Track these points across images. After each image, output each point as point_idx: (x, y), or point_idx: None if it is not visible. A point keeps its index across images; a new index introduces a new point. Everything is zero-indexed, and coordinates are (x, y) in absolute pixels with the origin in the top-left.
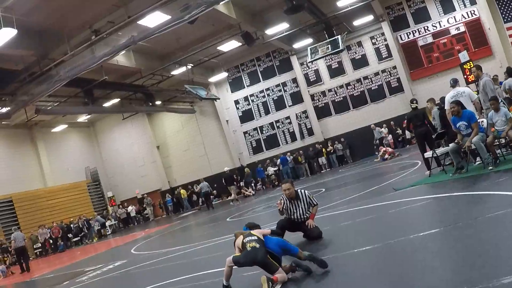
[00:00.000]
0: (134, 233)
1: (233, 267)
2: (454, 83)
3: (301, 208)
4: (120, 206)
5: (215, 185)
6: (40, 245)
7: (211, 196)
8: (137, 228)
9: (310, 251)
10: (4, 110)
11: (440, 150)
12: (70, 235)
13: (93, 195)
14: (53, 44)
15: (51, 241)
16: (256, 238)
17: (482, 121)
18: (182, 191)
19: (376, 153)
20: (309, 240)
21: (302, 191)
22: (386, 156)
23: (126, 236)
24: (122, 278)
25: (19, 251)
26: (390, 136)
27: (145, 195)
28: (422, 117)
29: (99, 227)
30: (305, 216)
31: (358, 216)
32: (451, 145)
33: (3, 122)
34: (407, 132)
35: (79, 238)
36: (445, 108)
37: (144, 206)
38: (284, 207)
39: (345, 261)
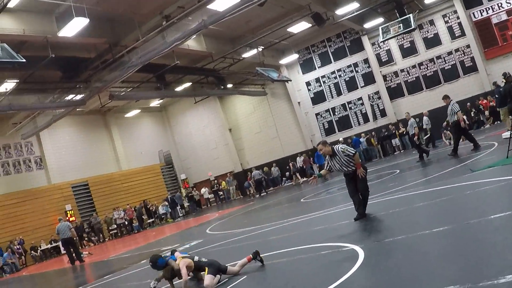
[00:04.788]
0: (208, 214)
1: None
2: None
3: (342, 161)
4: (194, 188)
5: (287, 167)
6: (115, 226)
7: (283, 178)
8: (210, 209)
9: (386, 231)
10: (79, 97)
11: None
12: (144, 217)
13: (167, 177)
14: (125, 31)
15: (126, 223)
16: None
17: None
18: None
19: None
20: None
21: (337, 147)
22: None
23: (200, 217)
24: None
25: (66, 242)
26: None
27: (228, 173)
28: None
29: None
30: (351, 167)
31: (434, 197)
32: None
33: (78, 109)
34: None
35: (153, 219)
36: None
37: (225, 185)
38: (328, 168)
39: (423, 241)
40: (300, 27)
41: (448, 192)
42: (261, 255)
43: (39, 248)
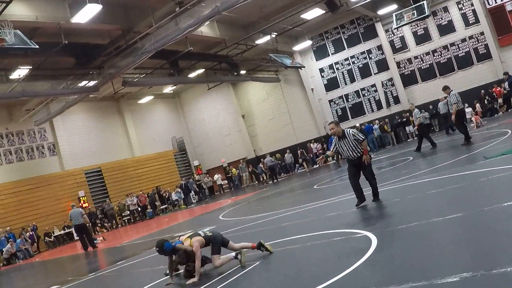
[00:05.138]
0: (221, 200)
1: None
2: None
3: (350, 145)
4: (207, 174)
5: (299, 154)
6: (128, 212)
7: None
8: (223, 196)
9: (399, 218)
10: (92, 83)
11: None
12: (157, 203)
13: (180, 164)
14: (138, 17)
15: (139, 209)
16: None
17: None
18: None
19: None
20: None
21: (348, 130)
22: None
23: (213, 203)
24: None
25: (79, 229)
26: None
27: (241, 160)
28: None
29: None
30: (357, 152)
31: (448, 184)
32: None
33: (91, 96)
34: (499, 100)
35: (166, 205)
36: None
37: (238, 171)
38: (335, 150)
39: (435, 228)
40: (314, 13)
41: (461, 179)
42: (266, 245)
43: (52, 234)
